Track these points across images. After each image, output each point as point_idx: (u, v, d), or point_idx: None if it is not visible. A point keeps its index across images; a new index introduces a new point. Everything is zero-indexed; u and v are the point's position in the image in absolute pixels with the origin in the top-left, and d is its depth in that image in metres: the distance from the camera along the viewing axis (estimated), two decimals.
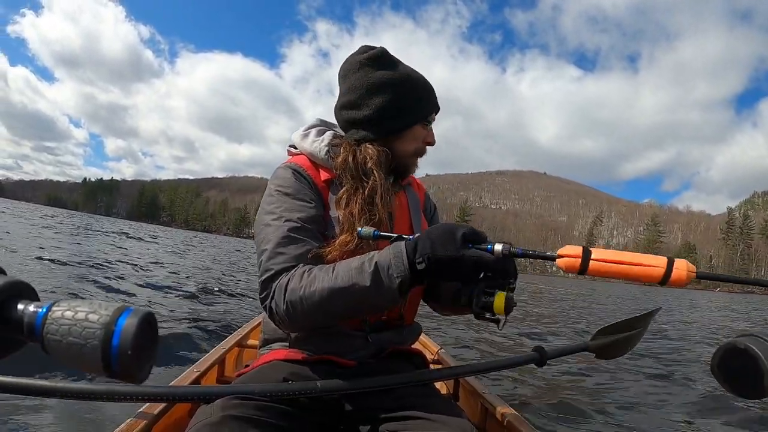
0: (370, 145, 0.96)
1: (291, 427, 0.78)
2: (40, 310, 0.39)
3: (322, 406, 0.86)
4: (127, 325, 0.38)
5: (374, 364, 0.95)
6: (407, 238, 0.80)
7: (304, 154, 1.00)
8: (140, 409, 0.97)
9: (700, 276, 0.75)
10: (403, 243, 0.79)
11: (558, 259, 0.75)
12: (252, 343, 1.70)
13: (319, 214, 0.92)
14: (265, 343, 1.01)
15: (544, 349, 0.98)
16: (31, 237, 11.25)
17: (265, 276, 0.85)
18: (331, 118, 1.08)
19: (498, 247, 0.74)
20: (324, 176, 0.96)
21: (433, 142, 1.04)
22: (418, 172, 1.11)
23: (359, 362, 0.94)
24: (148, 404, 0.97)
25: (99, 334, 0.38)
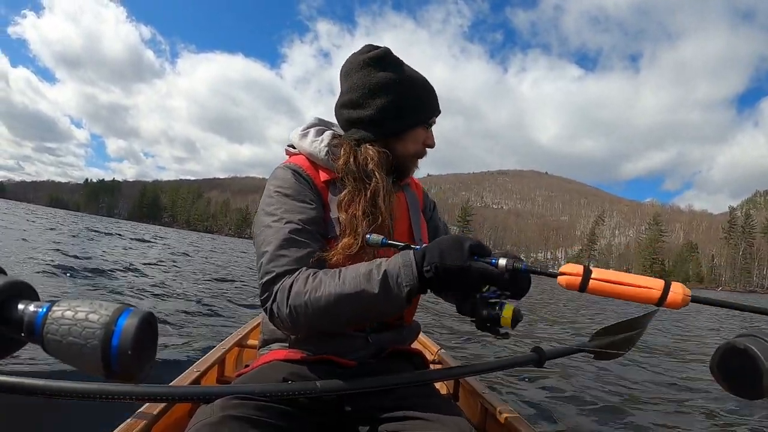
0: (370, 146, 0.96)
1: (291, 427, 0.78)
2: (40, 310, 0.39)
3: (322, 406, 0.86)
4: (127, 325, 0.39)
5: (374, 365, 0.95)
6: (415, 247, 0.81)
7: (303, 155, 0.99)
8: (140, 409, 0.97)
9: (695, 300, 0.76)
10: (412, 252, 0.80)
11: (559, 277, 0.76)
12: (252, 343, 1.70)
13: (320, 215, 0.92)
14: (265, 343, 1.01)
15: (542, 349, 0.98)
16: (32, 237, 11.26)
17: (266, 278, 0.85)
18: (332, 118, 1.07)
19: (502, 262, 0.75)
20: (323, 177, 0.96)
21: (432, 145, 1.04)
22: (420, 172, 1.11)
23: (359, 362, 0.94)
24: (147, 404, 0.98)
25: (99, 334, 0.38)
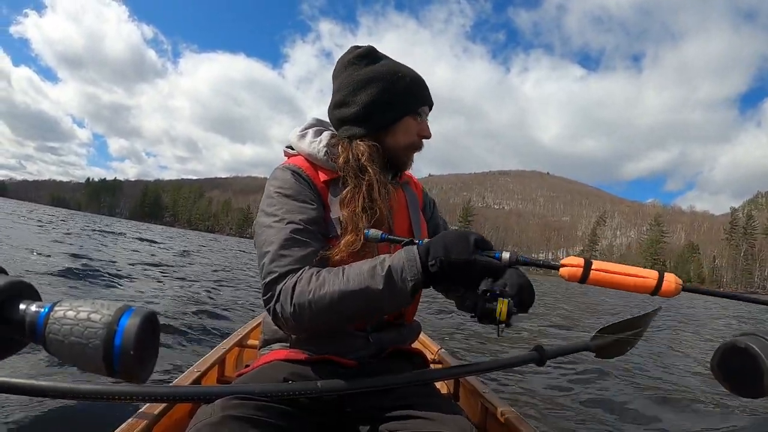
0: (361, 142, 0.97)
1: (291, 427, 0.78)
2: (42, 310, 0.39)
3: (323, 406, 0.86)
4: (129, 324, 0.39)
5: (375, 364, 0.95)
6: (417, 242, 0.81)
7: (302, 155, 1.00)
8: (141, 409, 0.97)
9: (686, 289, 0.79)
10: (415, 247, 0.80)
11: (561, 269, 0.78)
12: (252, 343, 1.70)
13: (320, 215, 0.92)
14: (266, 343, 1.02)
15: (543, 348, 0.98)
16: (33, 237, 11.28)
17: (269, 278, 0.85)
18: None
19: (506, 255, 0.77)
20: (323, 177, 0.96)
21: (428, 135, 1.03)
22: (421, 172, 1.11)
23: (360, 362, 0.94)
24: (148, 404, 0.98)
25: (101, 334, 0.38)
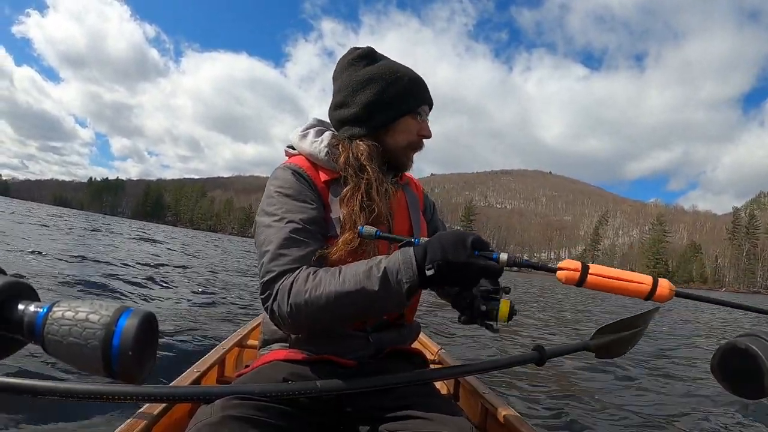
0: (361, 142, 0.97)
1: (291, 427, 0.78)
2: (41, 311, 0.39)
3: (322, 406, 0.86)
4: (128, 325, 0.39)
5: (374, 364, 0.95)
6: (413, 242, 0.81)
7: (303, 155, 1.00)
8: (140, 410, 0.97)
9: (679, 294, 0.80)
10: (411, 249, 0.79)
11: (558, 272, 0.78)
12: (252, 343, 1.70)
13: (320, 215, 0.92)
14: (265, 343, 1.02)
15: (543, 348, 0.98)
16: (33, 237, 11.30)
17: (267, 277, 0.85)
18: None
19: (503, 257, 0.76)
20: (324, 177, 0.96)
21: (428, 135, 1.03)
22: (424, 171, 1.11)
23: (359, 362, 0.94)
24: (148, 404, 0.98)
25: (99, 335, 0.38)
